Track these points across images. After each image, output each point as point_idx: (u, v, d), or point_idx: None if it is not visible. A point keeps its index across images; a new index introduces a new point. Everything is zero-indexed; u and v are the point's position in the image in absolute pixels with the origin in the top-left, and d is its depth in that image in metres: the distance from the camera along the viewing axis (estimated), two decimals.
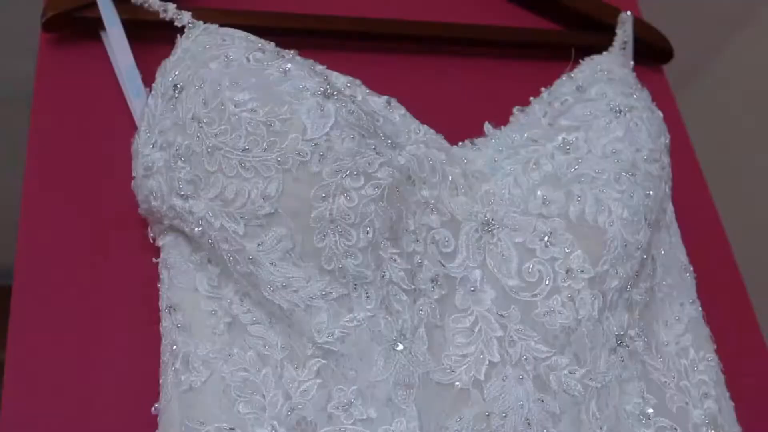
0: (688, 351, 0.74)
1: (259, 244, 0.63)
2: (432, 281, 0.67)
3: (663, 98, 0.87)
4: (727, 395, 0.75)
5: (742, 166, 1.17)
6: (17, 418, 0.64)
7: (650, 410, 0.69)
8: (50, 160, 0.74)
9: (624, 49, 0.87)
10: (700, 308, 0.78)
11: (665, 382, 0.71)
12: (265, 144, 0.63)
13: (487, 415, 0.65)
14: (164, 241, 0.69)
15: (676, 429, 0.69)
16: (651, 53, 0.96)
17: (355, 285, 0.64)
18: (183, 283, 0.67)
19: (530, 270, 0.70)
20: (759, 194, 1.14)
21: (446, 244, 0.69)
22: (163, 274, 0.68)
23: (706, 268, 0.82)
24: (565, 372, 0.67)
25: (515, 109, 0.80)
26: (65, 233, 0.71)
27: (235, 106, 0.63)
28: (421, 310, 0.66)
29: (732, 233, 0.89)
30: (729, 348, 0.78)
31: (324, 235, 0.63)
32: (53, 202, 0.73)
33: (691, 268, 0.80)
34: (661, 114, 0.80)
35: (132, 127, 0.71)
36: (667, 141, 0.78)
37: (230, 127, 0.63)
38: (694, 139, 0.94)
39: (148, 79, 0.72)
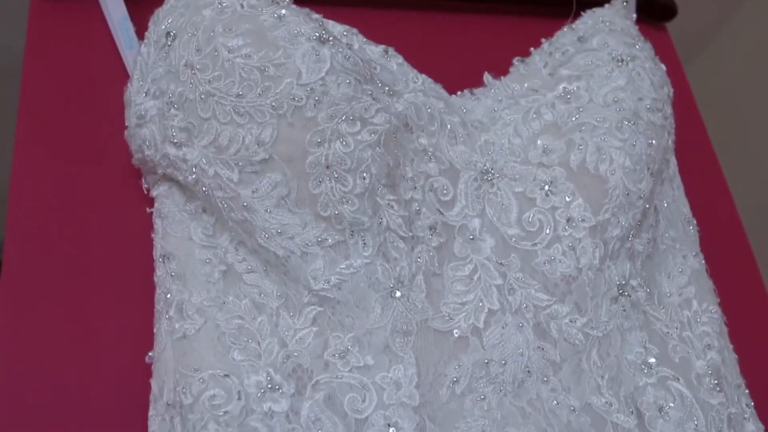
0: (691, 302, 0.73)
1: (253, 191, 0.62)
2: (430, 229, 0.66)
3: (666, 55, 0.86)
4: (731, 347, 0.74)
5: (746, 122, 1.16)
6: (13, 370, 0.63)
7: (652, 360, 0.68)
8: (42, 111, 0.73)
9: (626, 2, 0.86)
10: (703, 261, 0.77)
11: (667, 332, 0.70)
12: (259, 89, 0.61)
13: (486, 363, 0.64)
14: (158, 191, 0.68)
15: (678, 379, 0.68)
16: (654, 10, 0.95)
17: (352, 232, 0.63)
18: (177, 232, 0.66)
19: (530, 219, 0.69)
20: (763, 155, 1.13)
21: (445, 192, 0.68)
22: (157, 223, 0.67)
23: (710, 223, 0.81)
24: (566, 321, 0.66)
25: (515, 60, 0.79)
26: (58, 185, 0.70)
27: (228, 51, 0.62)
28: (419, 258, 0.65)
29: (735, 189, 0.87)
30: (732, 302, 0.77)
31: (320, 182, 0.62)
32: (45, 153, 0.72)
33: (695, 222, 0.79)
34: (664, 67, 0.79)
35: (124, 79, 0.70)
36: (671, 93, 0.77)
37: (224, 73, 0.62)
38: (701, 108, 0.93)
39: (141, 31, 0.71)
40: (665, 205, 0.77)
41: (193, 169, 0.63)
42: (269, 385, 0.59)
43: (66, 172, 0.71)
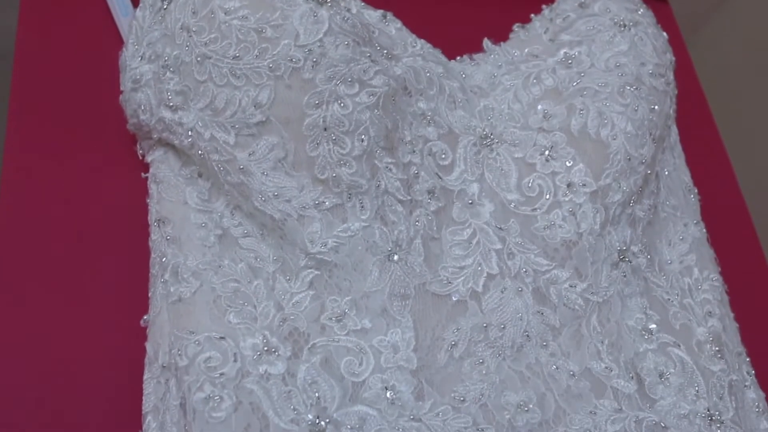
0: (692, 270, 0.73)
1: (250, 154, 0.61)
2: (429, 193, 0.66)
3: (668, 29, 0.85)
4: (732, 316, 0.73)
5: (746, 95, 1.15)
6: (6, 327, 0.63)
7: (653, 326, 0.67)
8: (36, 78, 0.73)
9: None
10: (704, 230, 0.76)
11: (668, 299, 0.70)
12: (256, 51, 0.61)
13: (485, 327, 0.63)
14: (153, 156, 0.68)
15: (679, 345, 0.67)
16: None
17: (350, 195, 0.62)
18: (172, 196, 0.65)
19: (530, 185, 0.68)
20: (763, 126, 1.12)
21: (443, 156, 0.68)
22: (152, 188, 0.66)
23: (710, 193, 0.81)
24: (566, 286, 0.66)
25: (515, 26, 0.79)
26: (52, 151, 0.70)
27: (225, 13, 0.62)
28: (417, 222, 0.65)
29: (736, 160, 0.87)
30: (733, 271, 0.77)
31: (317, 144, 0.61)
32: (39, 121, 0.71)
33: (696, 191, 0.78)
34: (666, 35, 0.78)
35: (118, 46, 0.69)
36: (673, 60, 0.76)
37: (220, 35, 0.61)
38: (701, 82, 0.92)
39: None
40: (666, 173, 0.76)
41: (189, 132, 0.63)
42: (265, 348, 0.58)
43: (61, 139, 0.70)
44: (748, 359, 0.71)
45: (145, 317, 0.63)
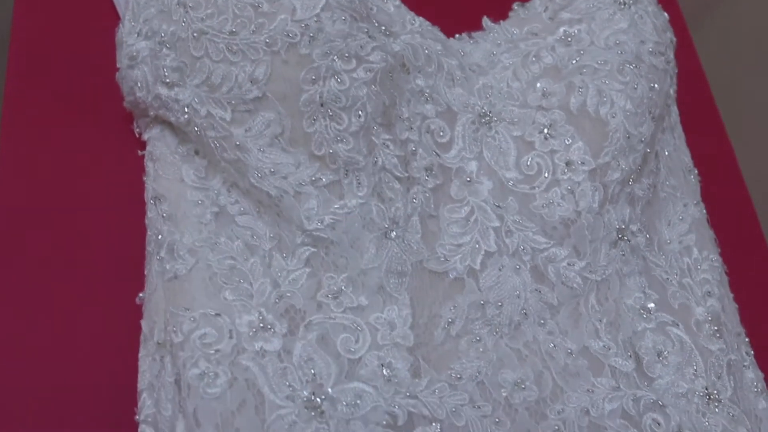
0: (692, 250, 0.72)
1: (246, 130, 0.61)
2: (426, 170, 0.66)
3: (669, 9, 0.84)
4: (731, 296, 0.73)
5: (747, 75, 1.15)
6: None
7: (651, 305, 0.67)
8: (32, 57, 0.72)
9: None
10: (704, 211, 0.76)
11: (667, 278, 0.69)
12: (252, 26, 0.60)
13: (482, 304, 0.63)
14: (150, 134, 0.67)
15: (677, 324, 0.67)
16: None
17: (347, 171, 0.62)
18: (169, 174, 0.65)
19: (529, 163, 0.68)
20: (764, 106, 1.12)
21: (441, 134, 0.67)
22: (149, 166, 0.66)
23: (710, 175, 0.80)
24: (564, 264, 0.65)
25: (515, 5, 0.78)
26: (49, 130, 0.69)
27: None
28: (415, 199, 0.64)
29: (736, 142, 0.86)
30: (733, 253, 0.76)
31: (314, 120, 0.61)
32: (36, 98, 0.71)
33: (696, 171, 0.78)
34: (666, 15, 0.77)
35: (116, 22, 0.68)
36: (673, 39, 0.76)
37: (217, 11, 0.61)
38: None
39: None
40: (666, 153, 0.76)
41: (185, 109, 0.62)
42: (261, 325, 0.58)
43: (57, 117, 0.70)
44: (747, 340, 0.71)
45: (140, 295, 0.62)
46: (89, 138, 0.70)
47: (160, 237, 0.62)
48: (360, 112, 0.61)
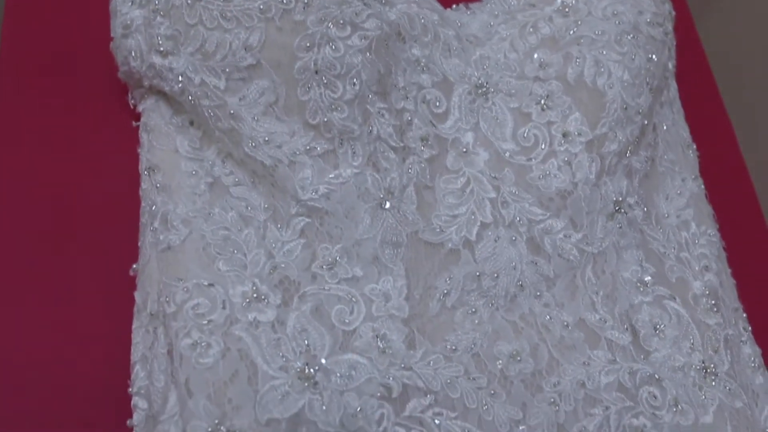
0: (690, 224, 0.72)
1: (240, 99, 0.61)
2: (422, 140, 0.65)
3: None
4: (729, 272, 0.72)
5: (747, 52, 1.14)
6: None
7: (648, 278, 0.66)
8: (26, 28, 0.72)
9: None
10: (702, 186, 0.75)
11: (665, 252, 0.69)
12: None
13: (478, 276, 0.63)
14: (144, 105, 0.67)
15: (674, 298, 0.66)
16: None
17: (341, 140, 0.61)
18: (163, 145, 0.64)
19: (525, 135, 0.67)
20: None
21: (438, 104, 0.67)
22: (143, 137, 0.66)
23: (709, 152, 0.79)
24: (560, 236, 0.65)
25: None
26: (44, 100, 0.69)
27: None
28: (410, 169, 0.64)
29: (735, 118, 0.86)
30: (731, 229, 0.75)
31: (308, 88, 0.60)
32: (30, 70, 0.70)
33: (695, 146, 0.77)
34: None
35: None
36: (672, 11, 0.75)
37: None
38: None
39: None
40: (664, 128, 0.75)
41: (180, 78, 0.62)
42: (255, 295, 0.58)
43: (51, 88, 0.69)
44: (744, 315, 0.71)
45: (134, 266, 0.62)
46: (84, 109, 0.69)
47: (153, 208, 0.61)
48: (355, 80, 0.60)
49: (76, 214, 0.65)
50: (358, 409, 0.55)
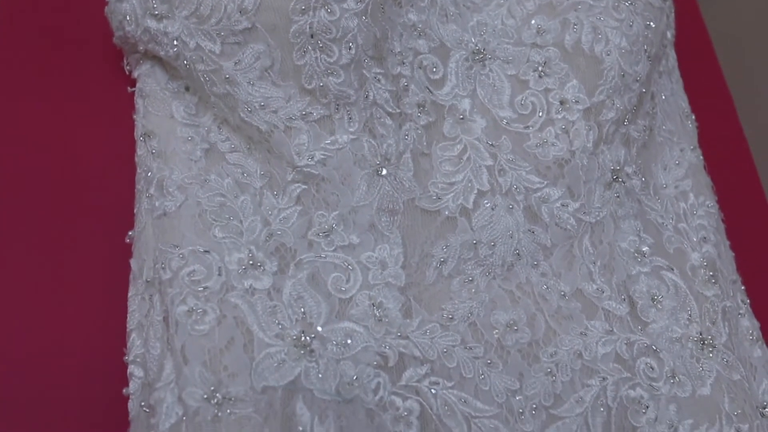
0: (688, 195, 0.71)
1: (236, 63, 0.60)
2: (419, 107, 0.64)
3: None
4: (727, 244, 0.72)
5: (747, 24, 1.13)
6: None
7: (646, 248, 0.66)
8: None
9: None
10: (701, 157, 0.75)
11: (663, 223, 0.69)
12: None
13: (475, 244, 0.62)
14: (140, 70, 0.66)
15: (672, 269, 0.66)
16: None
17: (337, 106, 0.61)
18: (159, 110, 0.64)
19: (523, 102, 0.67)
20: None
21: (434, 70, 0.66)
22: (138, 103, 0.65)
23: (709, 125, 0.79)
24: (558, 205, 0.64)
25: None
26: (38, 67, 0.68)
27: None
28: (407, 136, 0.63)
29: (735, 89, 0.85)
30: (730, 201, 0.75)
31: (304, 52, 0.59)
32: (24, 37, 0.69)
33: (693, 117, 0.77)
34: None
35: None
36: None
37: None
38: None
39: None
40: (663, 97, 0.74)
41: (174, 42, 0.61)
42: (251, 263, 0.57)
43: (45, 54, 0.69)
44: (743, 288, 0.70)
45: (129, 233, 0.61)
46: (79, 75, 0.68)
47: (149, 174, 0.61)
48: (351, 44, 0.59)
49: (71, 182, 0.64)
50: (354, 377, 0.55)
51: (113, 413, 0.57)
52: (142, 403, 0.55)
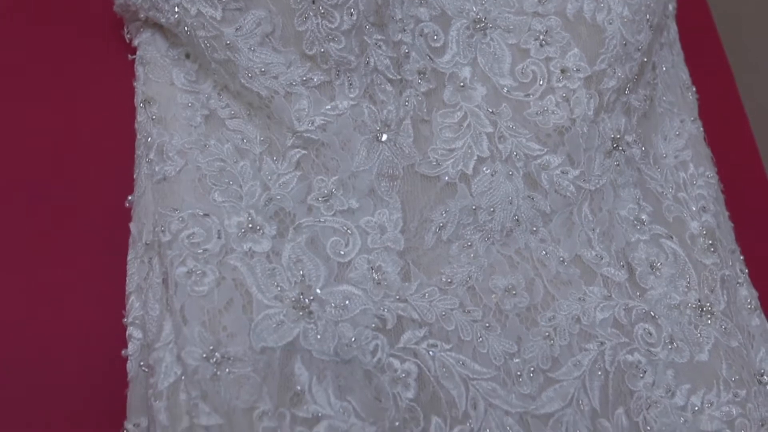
0: (688, 165, 0.71)
1: (237, 29, 0.60)
2: (419, 74, 0.64)
3: None
4: (726, 215, 0.72)
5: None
6: None
7: (645, 216, 0.66)
8: None
9: None
10: (701, 129, 0.75)
11: (662, 192, 0.69)
12: None
13: (474, 209, 0.62)
14: (140, 38, 0.66)
15: (671, 237, 0.66)
16: None
17: (338, 72, 0.61)
18: (159, 77, 0.64)
19: (524, 71, 0.67)
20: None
21: (435, 38, 0.66)
22: (139, 70, 0.65)
23: (709, 98, 0.79)
24: (557, 172, 0.64)
25: None
26: (38, 35, 0.68)
27: None
28: (407, 102, 0.63)
29: (735, 62, 0.85)
30: (730, 174, 0.75)
31: (305, 18, 0.59)
32: (25, 4, 0.69)
33: (694, 89, 0.77)
34: None
35: None
36: None
37: None
38: None
39: None
40: (664, 69, 0.74)
41: (176, 9, 0.61)
42: (250, 226, 0.57)
43: (45, 22, 0.69)
44: (741, 258, 0.70)
45: (129, 197, 0.61)
46: (79, 44, 0.68)
47: (149, 139, 0.61)
48: (352, 10, 0.59)
49: (71, 148, 0.65)
50: (353, 339, 0.55)
51: (112, 375, 0.57)
52: (141, 363, 0.55)
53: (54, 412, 0.57)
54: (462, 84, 0.65)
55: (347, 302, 0.57)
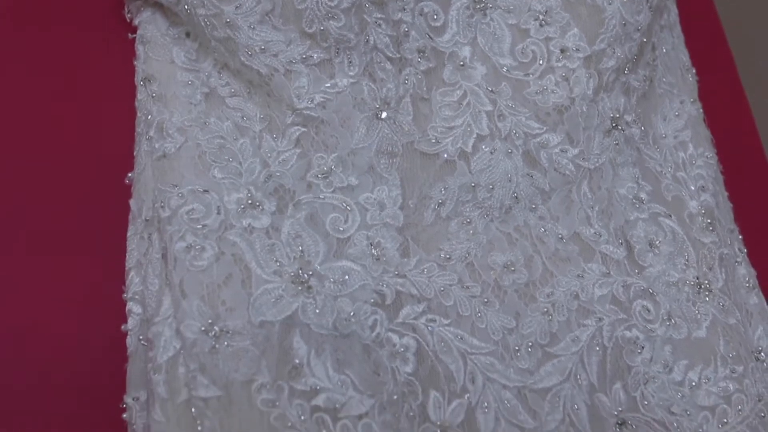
0: (687, 146, 0.72)
1: (237, 7, 0.60)
2: (419, 52, 0.65)
3: None
4: (725, 195, 0.72)
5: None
6: None
7: (644, 195, 0.66)
8: None
9: None
10: (701, 110, 0.75)
11: (661, 171, 0.69)
12: None
13: (473, 186, 0.63)
14: (141, 17, 0.66)
15: (670, 216, 0.66)
16: None
17: (338, 50, 0.61)
18: (159, 55, 0.64)
19: (523, 50, 0.67)
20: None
21: (435, 17, 0.66)
22: (139, 49, 0.65)
23: (709, 80, 0.79)
24: (557, 150, 0.64)
25: None
26: (38, 14, 0.68)
27: None
28: (407, 81, 0.64)
29: (735, 45, 0.85)
30: (729, 156, 0.75)
31: None
32: None
33: (694, 71, 0.77)
34: None
35: None
36: None
37: None
38: None
39: None
40: (664, 50, 0.75)
41: None
42: (249, 202, 0.58)
43: (47, 3, 0.69)
44: (740, 237, 0.70)
45: (129, 174, 0.62)
46: (79, 23, 0.69)
47: (149, 117, 0.61)
48: None
49: (71, 126, 0.65)
50: (351, 313, 0.56)
51: (112, 350, 0.57)
52: (141, 338, 0.56)
53: (54, 386, 0.57)
54: (462, 63, 0.65)
55: (346, 277, 0.57)
